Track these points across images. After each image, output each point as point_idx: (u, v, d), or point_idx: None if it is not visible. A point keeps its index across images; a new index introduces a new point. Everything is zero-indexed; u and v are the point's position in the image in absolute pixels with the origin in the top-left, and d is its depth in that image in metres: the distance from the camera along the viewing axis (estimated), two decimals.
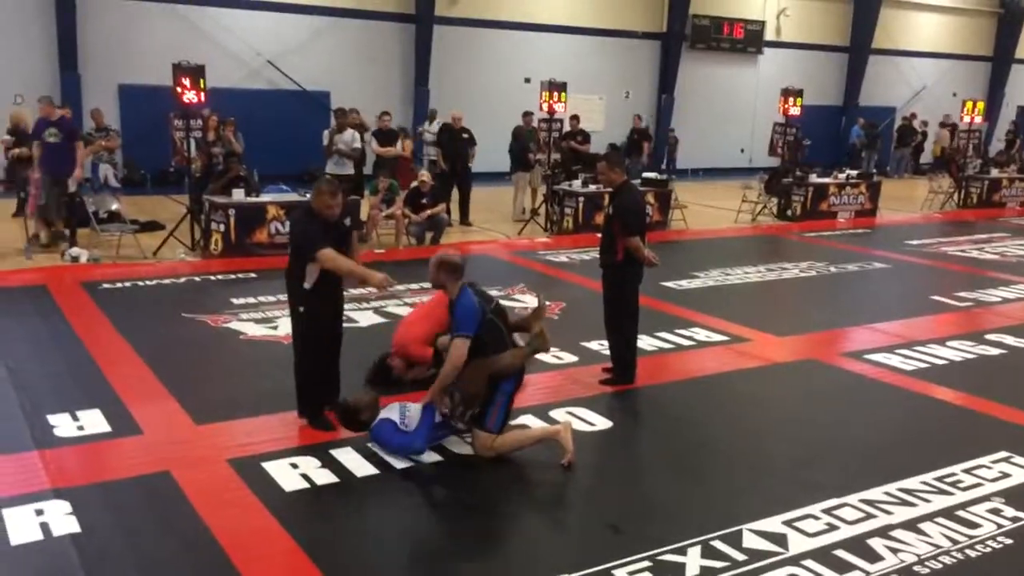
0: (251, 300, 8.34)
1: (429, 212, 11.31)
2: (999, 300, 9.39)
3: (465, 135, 13.36)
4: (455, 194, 13.14)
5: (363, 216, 11.28)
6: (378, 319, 7.90)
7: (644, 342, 7.17)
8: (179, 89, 10.29)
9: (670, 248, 12.21)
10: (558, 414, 5.68)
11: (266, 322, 7.64)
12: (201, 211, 10.67)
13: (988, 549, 4.13)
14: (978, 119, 17.38)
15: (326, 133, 12.98)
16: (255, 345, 7.08)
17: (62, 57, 15.28)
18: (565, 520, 4.43)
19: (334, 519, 4.33)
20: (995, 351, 7.40)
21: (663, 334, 7.52)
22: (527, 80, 18.28)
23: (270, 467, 4.75)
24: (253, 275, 9.42)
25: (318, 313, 5.29)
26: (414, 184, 11.58)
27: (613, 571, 3.84)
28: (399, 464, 4.87)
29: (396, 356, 6.15)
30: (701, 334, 7.63)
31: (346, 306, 8.16)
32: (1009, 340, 7.68)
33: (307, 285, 5.22)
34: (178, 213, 11.29)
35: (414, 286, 8.56)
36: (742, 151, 21.83)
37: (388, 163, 12.50)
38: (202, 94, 10.41)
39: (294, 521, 4.20)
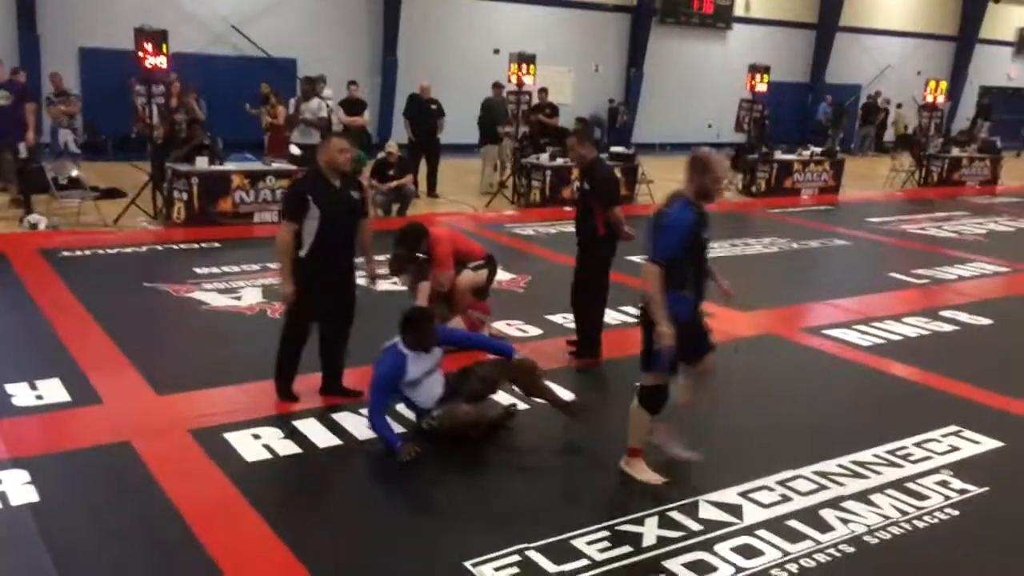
0: (214, 270, 8.27)
1: (395, 183, 11.25)
2: (955, 278, 9.58)
3: (433, 106, 13.27)
4: (423, 166, 13.07)
5: None
6: None
7: (609, 316, 7.20)
8: (141, 54, 10.10)
9: (636, 223, 12.25)
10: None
11: (229, 292, 7.59)
12: (163, 179, 10.52)
13: (935, 520, 4.26)
14: (941, 98, 17.63)
15: (292, 101, 12.85)
16: (218, 315, 7.03)
17: (20, 18, 14.88)
18: (526, 491, 4.48)
19: (296, 489, 4.35)
20: (949, 328, 7.57)
21: (628, 308, 7.58)
22: (496, 51, 18.15)
23: (232, 438, 4.75)
24: (217, 245, 9.34)
25: (310, 284, 5.01)
26: (381, 155, 11.52)
27: (572, 541, 3.91)
28: (361, 435, 4.89)
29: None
30: None
31: None
32: (963, 317, 7.86)
33: (302, 252, 5.01)
34: (140, 180, 11.11)
35: (379, 257, 8.52)
36: (710, 126, 21.90)
37: (354, 133, 12.39)
38: (165, 59, 10.23)
39: (256, 491, 4.21)
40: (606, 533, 3.99)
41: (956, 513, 4.35)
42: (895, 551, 4.01)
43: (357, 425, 4.99)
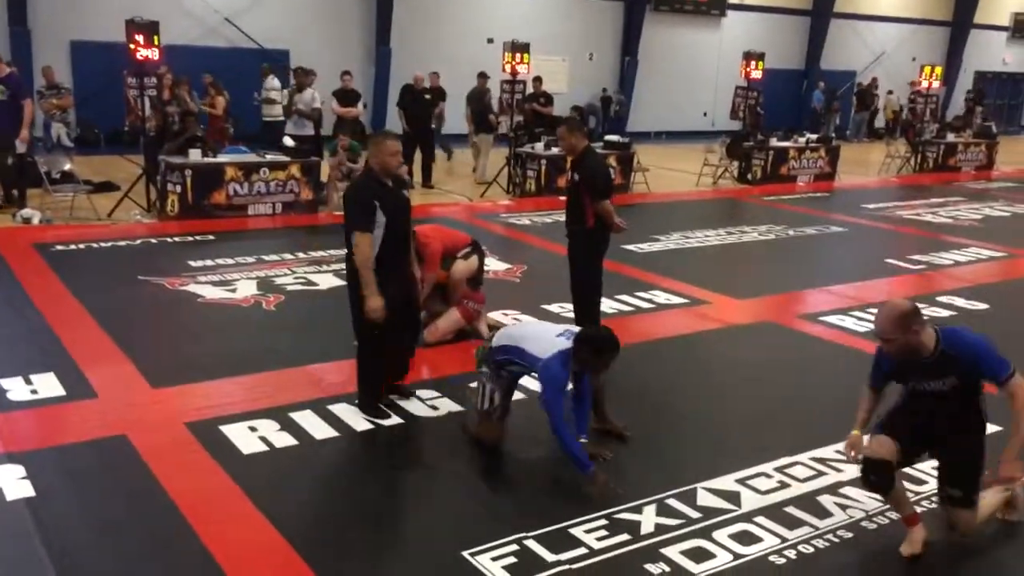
0: (209, 263, 8.24)
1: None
2: (951, 263, 9.58)
3: (428, 96, 13.22)
4: (417, 156, 13.03)
5: (323, 178, 11.18)
6: (339, 281, 7.84)
7: (605, 305, 7.19)
8: (132, 46, 10.04)
9: (632, 211, 12.25)
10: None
11: (224, 285, 7.56)
12: (157, 172, 10.48)
13: (934, 505, 4.25)
14: (936, 84, 17.59)
15: (285, 93, 12.80)
16: (213, 308, 7.01)
17: (11, 11, 14.80)
18: (524, 482, 4.47)
19: (293, 481, 4.34)
20: (946, 313, 7.57)
21: (623, 296, 7.58)
22: (490, 41, 18.09)
23: (228, 430, 4.74)
24: (211, 237, 9.30)
25: (384, 296, 4.71)
26: None
27: (570, 529, 3.91)
28: (358, 426, 4.88)
29: None
30: (661, 297, 7.70)
31: (306, 268, 8.20)
32: (960, 302, 7.85)
33: (358, 267, 4.76)
34: (133, 174, 11.07)
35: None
36: (705, 114, 21.89)
37: (348, 123, 12.34)
38: (157, 51, 10.18)
39: (252, 483, 4.20)
40: (604, 521, 3.99)
41: None
42: (893, 537, 4.01)
43: (354, 416, 4.98)
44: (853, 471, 4.56)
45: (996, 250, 10.25)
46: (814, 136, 16.07)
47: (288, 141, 11.45)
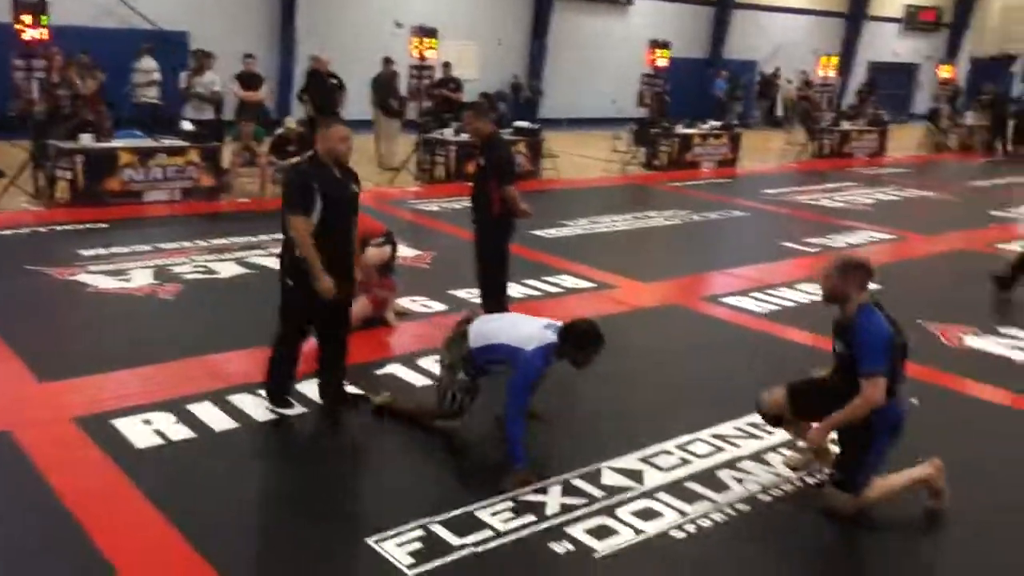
0: (101, 251, 7.90)
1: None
2: (845, 245, 9.94)
3: (334, 80, 12.97)
4: None
5: (224, 164, 10.86)
6: (241, 269, 7.65)
7: (513, 290, 7.22)
8: (19, 26, 9.55)
9: (541, 197, 12.30)
10: (426, 362, 5.67)
11: (118, 274, 7.27)
12: (45, 157, 9.99)
13: (826, 476, 4.41)
14: (832, 73, 18.21)
15: (184, 76, 12.36)
16: (105, 298, 6.73)
17: None
18: (429, 466, 4.45)
19: (191, 475, 4.20)
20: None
21: (532, 281, 7.61)
22: (399, 25, 17.85)
23: (121, 424, 4.55)
24: (104, 225, 8.93)
25: (311, 289, 4.51)
26: (280, 131, 11.21)
27: (476, 512, 3.91)
28: (260, 416, 4.77)
29: None
30: (569, 281, 7.76)
31: (207, 257, 7.96)
32: None
33: (298, 252, 4.51)
34: (19, 160, 10.52)
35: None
36: (613, 102, 22.08)
37: (251, 108, 12.03)
38: (45, 31, 9.70)
39: (147, 479, 4.05)
40: (510, 504, 4.00)
41: None
42: (788, 507, 4.15)
43: (255, 407, 4.86)
44: (751, 445, 4.71)
45: (887, 232, 10.69)
46: (717, 124, 16.44)
47: (186, 125, 11.07)
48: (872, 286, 4.14)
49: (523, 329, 4.41)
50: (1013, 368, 6.23)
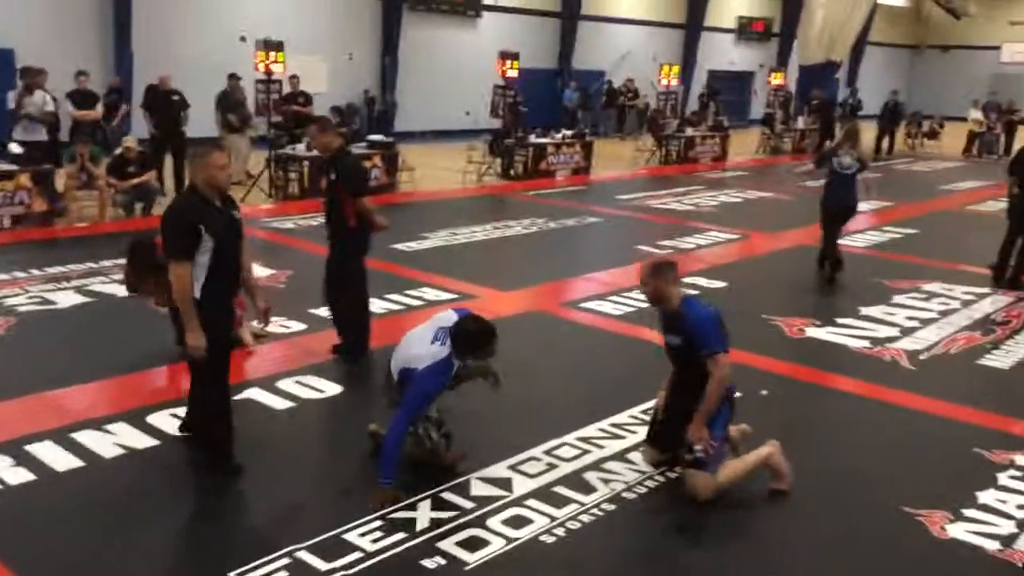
0: None
1: (137, 180, 10.47)
2: (694, 246, 10.39)
3: (176, 97, 12.46)
4: (168, 161, 12.25)
5: (59, 187, 10.24)
6: (82, 298, 7.21)
7: (375, 305, 7.14)
8: None
9: (399, 210, 12.25)
10: (287, 384, 5.54)
11: None
12: None
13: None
14: (674, 82, 18.99)
15: (11, 95, 11.55)
16: None
17: None
18: (296, 491, 4.33)
19: (31, 520, 3.91)
20: (691, 292, 8.19)
21: (393, 296, 7.55)
22: (243, 39, 17.35)
23: None
24: None
25: (214, 331, 4.15)
26: (118, 151, 10.66)
27: (344, 535, 3.83)
28: (106, 453, 4.50)
29: None
30: (431, 293, 7.75)
31: (43, 287, 7.48)
32: (702, 282, 8.52)
33: (196, 294, 4.12)
34: None
35: (123, 261, 7.91)
36: (467, 113, 22.26)
37: (87, 128, 11.40)
38: None
39: None
40: (379, 523, 3.95)
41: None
42: (653, 502, 4.29)
43: (101, 443, 4.59)
44: (615, 446, 4.84)
45: (732, 233, 11.24)
46: (569, 132, 16.84)
47: (15, 148, 10.35)
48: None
49: (413, 348, 4.36)
50: (849, 355, 6.67)
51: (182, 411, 4.94)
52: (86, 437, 4.64)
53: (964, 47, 36.29)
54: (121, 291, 5.57)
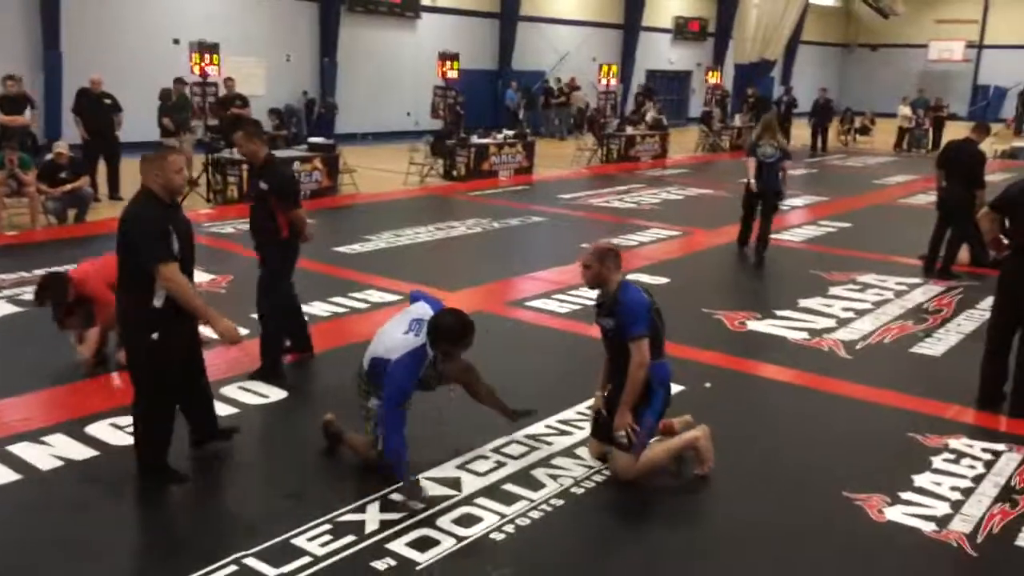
0: None
1: (69, 187, 10.20)
2: (636, 244, 10.51)
3: (108, 101, 12.17)
4: (101, 166, 11.96)
5: None
6: (13, 308, 7.01)
7: (318, 308, 7.11)
8: None
9: (341, 213, 12.18)
10: (230, 390, 5.46)
11: None
12: None
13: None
14: (613, 82, 19.19)
15: None
16: None
17: None
18: (242, 497, 4.27)
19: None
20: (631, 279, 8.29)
21: (337, 299, 7.49)
22: (176, 41, 17.04)
23: None
24: None
25: (171, 343, 4.10)
26: (49, 157, 10.38)
27: (293, 540, 3.79)
28: (43, 465, 4.38)
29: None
30: (375, 296, 7.70)
31: None
32: (645, 278, 8.60)
33: (157, 303, 4.02)
34: None
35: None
36: (408, 114, 22.19)
37: (16, 134, 11.06)
38: None
39: None
40: (328, 526, 3.92)
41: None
42: (601, 496, 4.33)
43: (38, 455, 4.47)
44: (562, 442, 4.88)
45: (673, 229, 11.40)
46: (511, 133, 16.89)
47: None
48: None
49: (385, 340, 4.33)
50: (788, 347, 6.82)
51: (122, 420, 4.84)
52: (21, 449, 4.51)
53: (893, 46, 37.42)
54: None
